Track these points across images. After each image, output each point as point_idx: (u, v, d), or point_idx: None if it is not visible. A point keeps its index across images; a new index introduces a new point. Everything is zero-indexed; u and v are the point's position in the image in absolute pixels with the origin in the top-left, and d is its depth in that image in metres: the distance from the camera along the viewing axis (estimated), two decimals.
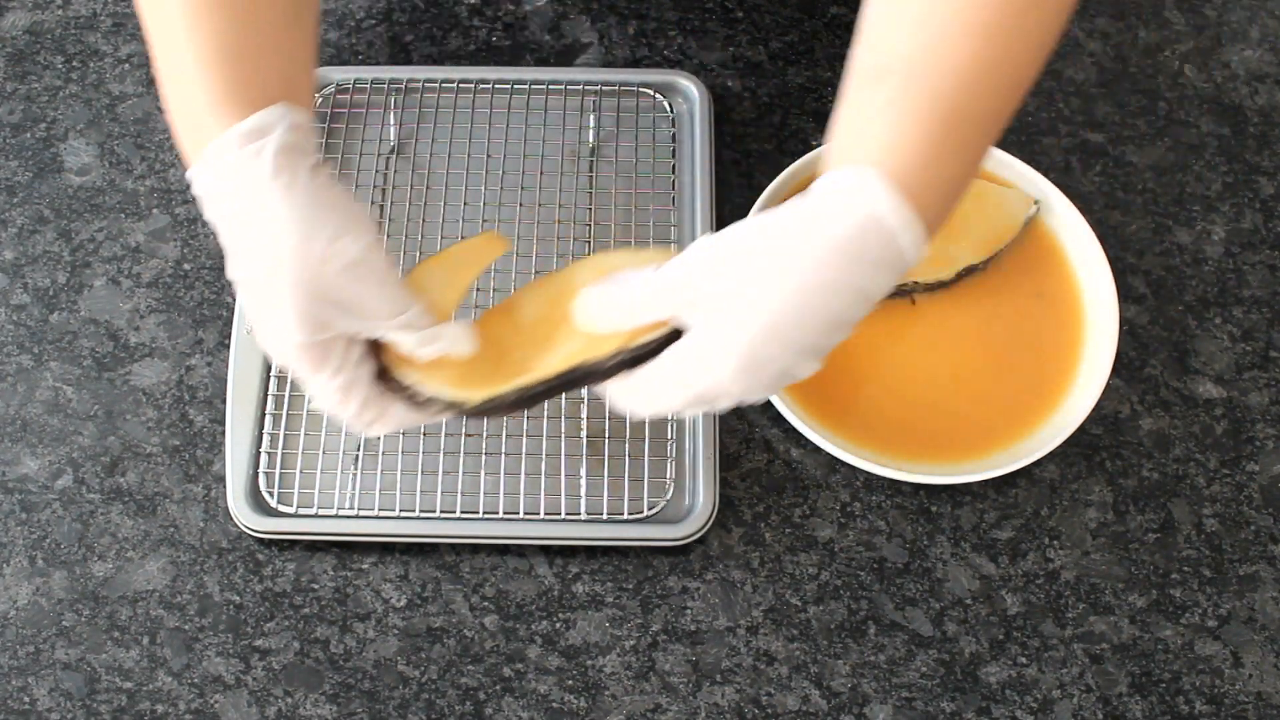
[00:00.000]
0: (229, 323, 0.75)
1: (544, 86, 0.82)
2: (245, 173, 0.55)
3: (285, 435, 0.71)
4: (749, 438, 0.73)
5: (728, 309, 0.54)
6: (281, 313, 0.55)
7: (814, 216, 0.53)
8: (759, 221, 0.54)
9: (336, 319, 0.56)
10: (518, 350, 0.60)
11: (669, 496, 0.70)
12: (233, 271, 0.57)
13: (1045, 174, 0.77)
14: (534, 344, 0.59)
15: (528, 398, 0.58)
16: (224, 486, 0.70)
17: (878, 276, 0.53)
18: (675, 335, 0.56)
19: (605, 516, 0.69)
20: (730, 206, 0.79)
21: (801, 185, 0.77)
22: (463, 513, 0.69)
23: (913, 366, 0.73)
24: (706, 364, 0.54)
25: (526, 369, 0.58)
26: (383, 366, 0.59)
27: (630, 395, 0.58)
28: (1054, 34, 0.56)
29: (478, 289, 0.75)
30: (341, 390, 0.57)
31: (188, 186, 0.80)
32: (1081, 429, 0.71)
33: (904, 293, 0.73)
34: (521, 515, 0.69)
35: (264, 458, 0.71)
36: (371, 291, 0.56)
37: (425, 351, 0.58)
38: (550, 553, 0.70)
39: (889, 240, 0.53)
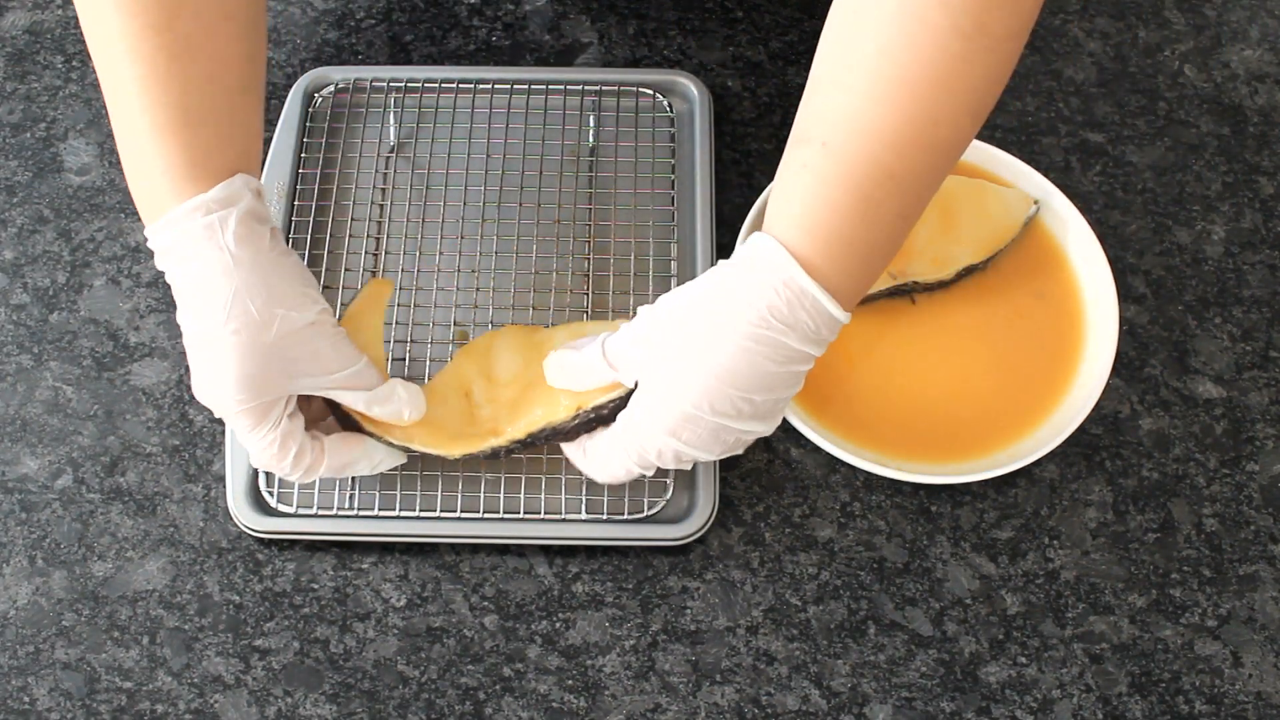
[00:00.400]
0: None
1: (544, 86, 0.82)
2: (211, 239, 0.58)
3: None
4: None
5: (660, 375, 0.58)
6: (229, 372, 0.58)
7: (733, 288, 0.57)
8: (689, 291, 0.59)
9: (285, 381, 0.60)
10: (490, 405, 0.67)
11: (668, 496, 0.70)
12: (187, 324, 0.60)
13: (1045, 174, 0.77)
14: (507, 402, 0.66)
15: (500, 452, 0.65)
16: (224, 486, 0.70)
17: (796, 339, 0.57)
18: (629, 397, 0.62)
19: (605, 516, 0.69)
20: (730, 206, 0.79)
21: None
22: (462, 512, 0.69)
23: (913, 367, 0.73)
24: (639, 425, 0.60)
25: (498, 429, 0.65)
26: (348, 417, 0.65)
27: (583, 459, 0.64)
28: (985, 98, 0.57)
29: (478, 288, 0.75)
30: (278, 444, 0.61)
31: None
32: (1081, 429, 0.71)
33: (904, 292, 0.73)
34: (521, 515, 0.69)
35: None
36: (325, 350, 0.61)
37: (377, 411, 0.63)
38: (550, 552, 0.70)
39: (802, 306, 0.56)
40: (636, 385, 0.61)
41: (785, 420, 0.70)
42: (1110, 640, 0.68)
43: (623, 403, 0.62)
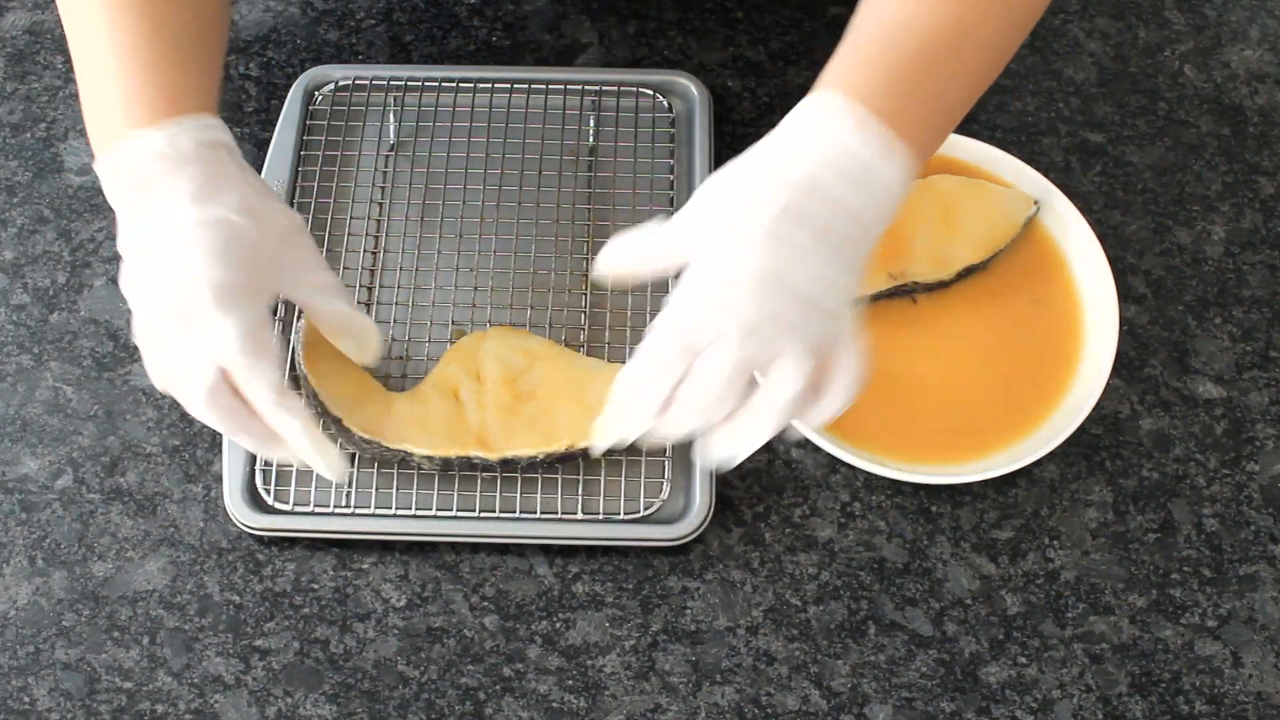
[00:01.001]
0: None
1: (544, 86, 0.82)
2: (201, 161, 0.59)
3: None
4: None
5: (725, 245, 0.54)
6: (202, 274, 0.57)
7: (788, 148, 0.55)
8: (745, 155, 0.56)
9: (271, 280, 0.60)
10: (478, 408, 0.69)
11: (664, 496, 0.70)
12: (142, 242, 0.59)
13: (1045, 174, 0.77)
14: (495, 406, 0.68)
15: (481, 465, 0.68)
16: (223, 485, 0.70)
17: (860, 194, 0.54)
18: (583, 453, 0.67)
19: (602, 516, 0.69)
20: None
21: None
22: (461, 511, 0.69)
23: (913, 367, 0.73)
24: (723, 300, 0.54)
25: (486, 439, 0.68)
26: (333, 417, 0.67)
27: (722, 437, 0.58)
28: None
29: (477, 288, 0.75)
30: (281, 393, 0.58)
31: None
32: (1081, 429, 0.71)
33: (905, 292, 0.73)
34: (520, 515, 0.69)
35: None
36: (308, 256, 0.63)
37: (342, 343, 0.64)
38: (550, 553, 0.70)
39: (861, 160, 0.54)
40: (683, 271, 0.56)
41: None
42: (1110, 640, 0.68)
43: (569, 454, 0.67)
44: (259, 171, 0.79)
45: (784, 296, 0.54)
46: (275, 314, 0.73)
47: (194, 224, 0.58)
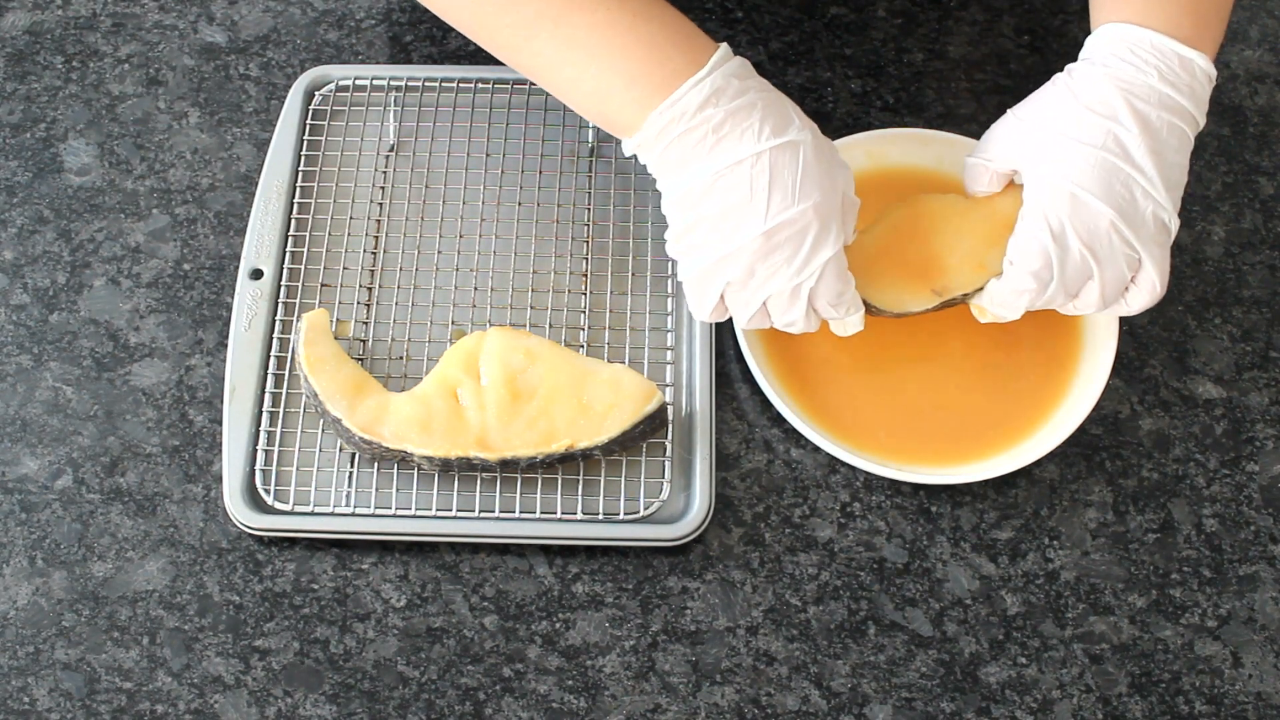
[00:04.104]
0: (228, 323, 0.75)
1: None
2: (748, 91, 0.63)
3: (282, 433, 0.71)
4: (749, 438, 0.73)
5: (1044, 148, 0.64)
6: (813, 176, 0.62)
7: (1095, 67, 0.65)
8: (1048, 86, 0.66)
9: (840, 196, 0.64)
10: (477, 409, 0.69)
11: (664, 496, 0.70)
12: (720, 190, 0.62)
13: None
14: (495, 406, 0.69)
15: (481, 466, 0.69)
16: (223, 486, 0.70)
17: (1168, 87, 0.63)
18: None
19: (602, 516, 0.69)
20: None
21: None
22: (461, 511, 0.69)
23: (913, 367, 0.73)
24: (1048, 205, 0.63)
25: (486, 439, 0.68)
26: None
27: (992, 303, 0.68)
28: None
29: (476, 288, 0.75)
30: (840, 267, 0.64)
31: (187, 187, 0.80)
32: (1081, 429, 0.71)
33: (952, 304, 0.70)
34: (520, 515, 0.69)
35: (260, 455, 0.71)
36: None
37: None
38: (550, 553, 0.70)
39: (1163, 58, 0.64)
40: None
41: (785, 420, 0.70)
42: (1110, 640, 0.68)
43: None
44: (259, 172, 0.79)
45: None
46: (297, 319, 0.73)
47: (774, 150, 0.62)
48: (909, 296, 0.68)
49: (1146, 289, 0.65)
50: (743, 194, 0.62)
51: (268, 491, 0.70)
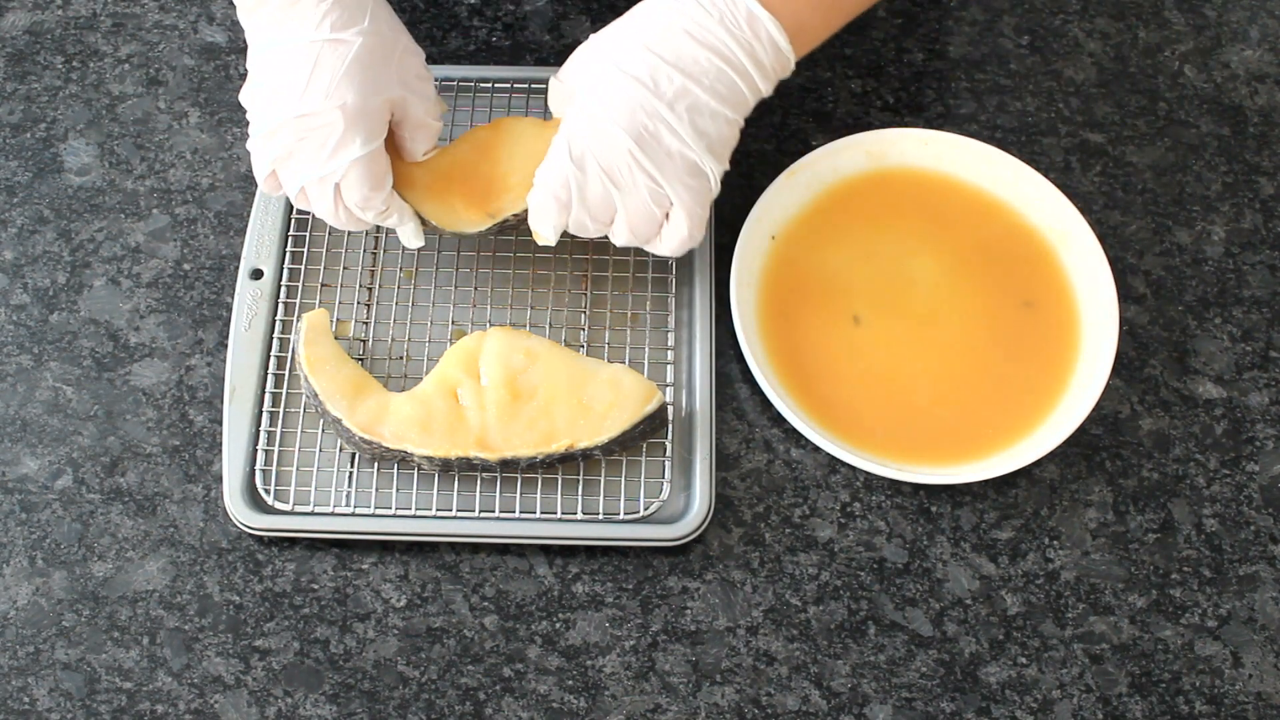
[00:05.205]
0: (228, 323, 0.75)
1: (544, 86, 0.82)
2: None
3: (282, 433, 0.71)
4: (749, 438, 0.73)
5: (591, 77, 0.67)
6: (343, 69, 0.65)
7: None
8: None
9: (396, 85, 0.68)
10: (477, 409, 0.69)
11: (664, 496, 0.70)
12: (275, 66, 0.65)
13: (1045, 174, 0.77)
14: (495, 407, 0.69)
15: (481, 466, 0.69)
16: (223, 486, 0.70)
17: (724, 33, 0.65)
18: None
19: (602, 516, 0.69)
20: (730, 207, 0.79)
21: (801, 185, 0.77)
22: (461, 511, 0.69)
23: (913, 366, 0.73)
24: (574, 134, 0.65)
25: (486, 440, 0.68)
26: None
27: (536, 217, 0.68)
28: None
29: (476, 288, 0.75)
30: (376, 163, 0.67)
31: (187, 187, 0.80)
32: (1081, 429, 0.71)
33: (509, 228, 0.72)
34: (520, 515, 0.69)
35: (260, 455, 0.71)
36: (422, 72, 0.70)
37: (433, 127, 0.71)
38: (550, 553, 0.70)
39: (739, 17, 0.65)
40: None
41: (785, 420, 0.70)
42: (1110, 640, 0.68)
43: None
44: None
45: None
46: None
47: (327, 43, 0.64)
48: (465, 216, 0.71)
49: (675, 230, 0.67)
50: (288, 76, 0.65)
51: (268, 491, 0.70)
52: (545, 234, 0.68)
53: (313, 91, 0.64)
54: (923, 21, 0.87)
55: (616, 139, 0.64)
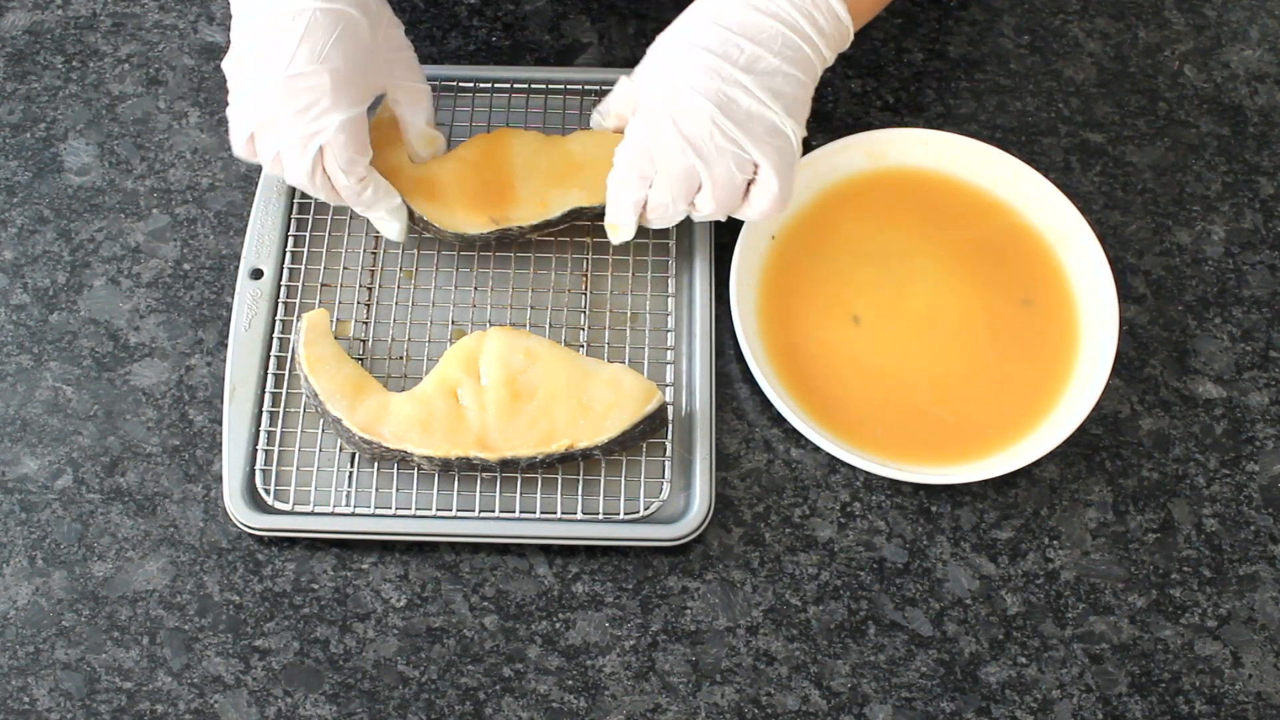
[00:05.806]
0: (228, 323, 0.75)
1: (544, 86, 0.82)
2: None
3: (282, 433, 0.71)
4: (749, 438, 0.73)
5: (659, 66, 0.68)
6: (333, 54, 0.66)
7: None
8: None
9: (376, 81, 0.70)
10: (477, 409, 0.69)
11: (664, 496, 0.70)
12: (259, 33, 0.66)
13: (1045, 174, 0.77)
14: (495, 406, 0.69)
15: (481, 465, 0.69)
16: (223, 486, 0.70)
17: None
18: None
19: (602, 516, 0.69)
20: None
21: (801, 185, 0.77)
22: (461, 511, 0.69)
23: (913, 366, 0.73)
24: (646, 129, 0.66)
25: (486, 440, 0.68)
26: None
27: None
28: None
29: (476, 288, 0.75)
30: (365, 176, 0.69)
31: (187, 187, 0.80)
32: (1081, 429, 0.71)
33: (510, 236, 0.73)
34: (519, 514, 0.69)
35: (260, 455, 0.71)
36: (409, 60, 0.72)
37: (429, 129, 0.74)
38: (550, 553, 0.70)
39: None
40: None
41: (785, 420, 0.70)
42: (1110, 640, 0.68)
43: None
44: (259, 172, 0.79)
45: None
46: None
47: (318, 10, 0.65)
48: (467, 219, 0.72)
49: (765, 191, 0.67)
50: (279, 41, 0.65)
51: (268, 491, 0.70)
52: (623, 219, 0.69)
53: (302, 55, 0.65)
54: (923, 21, 0.87)
55: (698, 107, 0.65)
